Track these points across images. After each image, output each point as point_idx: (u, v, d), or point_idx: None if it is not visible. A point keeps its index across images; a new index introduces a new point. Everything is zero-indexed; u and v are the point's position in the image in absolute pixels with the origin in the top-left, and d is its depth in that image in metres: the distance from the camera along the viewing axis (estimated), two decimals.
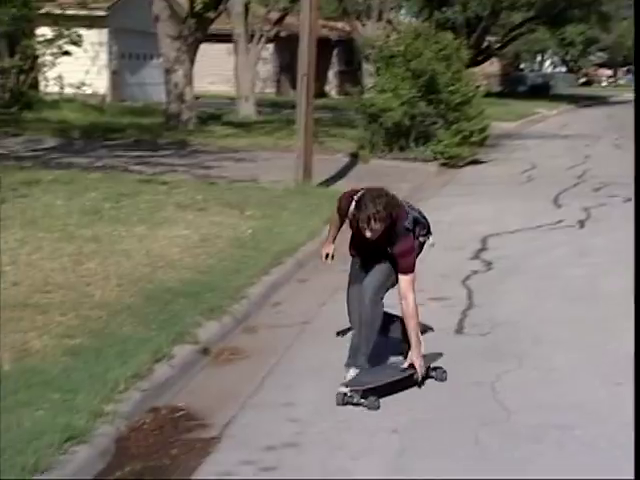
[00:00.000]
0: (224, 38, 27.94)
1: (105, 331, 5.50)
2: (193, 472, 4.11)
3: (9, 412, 4.23)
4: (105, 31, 27.00)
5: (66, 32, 21.94)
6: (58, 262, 7.12)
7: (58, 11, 21.94)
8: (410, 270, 4.94)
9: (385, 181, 13.72)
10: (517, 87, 48.14)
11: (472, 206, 11.92)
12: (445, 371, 5.23)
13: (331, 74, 39.81)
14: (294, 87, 18.26)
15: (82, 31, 22.85)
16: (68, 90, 23.88)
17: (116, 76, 27.94)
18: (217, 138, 18.26)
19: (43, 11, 21.06)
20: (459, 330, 6.33)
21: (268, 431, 4.52)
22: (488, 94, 23.08)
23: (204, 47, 24.89)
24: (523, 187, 14.07)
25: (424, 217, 5.23)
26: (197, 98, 22.02)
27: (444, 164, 16.12)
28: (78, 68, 24.35)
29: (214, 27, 24.27)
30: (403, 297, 4.94)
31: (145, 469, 4.12)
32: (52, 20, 21.63)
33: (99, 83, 26.32)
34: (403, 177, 14.02)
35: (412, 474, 4.11)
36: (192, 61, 20.57)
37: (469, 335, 6.23)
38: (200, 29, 20.44)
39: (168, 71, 20.37)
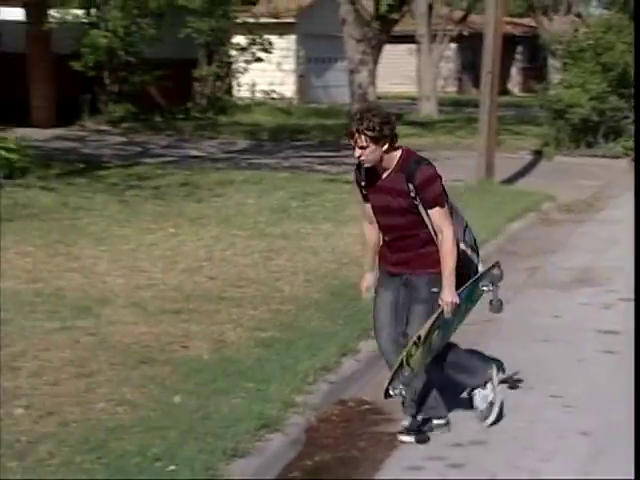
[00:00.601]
0: (404, 39, 28.04)
1: (294, 325, 5.70)
2: (381, 465, 4.18)
3: (208, 399, 4.47)
4: (293, 37, 27.99)
5: (258, 40, 22.88)
6: (250, 258, 7.46)
7: (252, 20, 22.95)
8: (438, 201, 4.25)
9: (570, 178, 13.34)
10: None
11: None
12: (501, 303, 4.63)
13: (514, 71, 38.98)
14: (476, 85, 18.08)
15: (272, 38, 23.75)
16: (258, 94, 24.91)
17: (303, 79, 28.83)
18: (399, 137, 18.33)
19: (238, 21, 22.10)
20: None
21: (455, 428, 4.52)
22: None
23: (385, 48, 25.14)
24: None
25: (469, 229, 4.52)
26: (379, 99, 22.21)
27: None
28: (267, 73, 25.34)
29: (395, 28, 24.46)
30: (439, 231, 4.27)
31: (334, 460, 4.24)
32: (246, 29, 22.67)
33: (287, 87, 27.26)
34: (591, 174, 13.54)
35: None
36: (376, 62, 20.81)
37: None
38: (384, 31, 20.65)
39: (352, 72, 20.69)
